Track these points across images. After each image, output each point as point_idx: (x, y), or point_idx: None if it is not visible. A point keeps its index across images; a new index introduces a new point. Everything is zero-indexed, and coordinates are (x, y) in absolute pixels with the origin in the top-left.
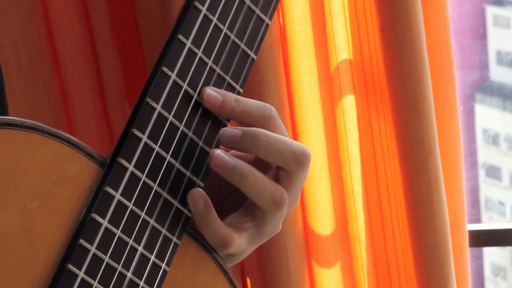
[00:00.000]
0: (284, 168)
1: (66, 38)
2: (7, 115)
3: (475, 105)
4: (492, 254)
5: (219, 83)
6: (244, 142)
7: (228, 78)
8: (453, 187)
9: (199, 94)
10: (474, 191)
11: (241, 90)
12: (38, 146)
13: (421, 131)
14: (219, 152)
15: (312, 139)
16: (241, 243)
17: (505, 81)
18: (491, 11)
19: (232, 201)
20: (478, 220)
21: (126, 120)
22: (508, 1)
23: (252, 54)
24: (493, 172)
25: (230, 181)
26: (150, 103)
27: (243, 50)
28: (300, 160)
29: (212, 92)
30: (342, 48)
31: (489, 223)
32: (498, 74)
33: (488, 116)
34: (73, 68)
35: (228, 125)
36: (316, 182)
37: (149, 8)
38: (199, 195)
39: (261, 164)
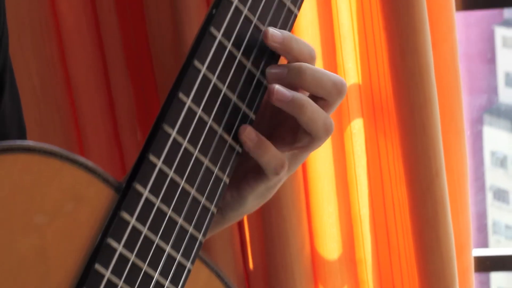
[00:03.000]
0: (325, 98)
1: (78, 60)
2: (26, 137)
3: (483, 127)
4: (499, 279)
5: (234, 111)
6: (291, 75)
7: (244, 107)
8: (459, 212)
9: (214, 120)
10: (482, 214)
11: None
12: (56, 171)
13: (428, 156)
14: (278, 86)
15: (320, 163)
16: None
17: None
18: (500, 32)
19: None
20: (485, 243)
21: (137, 143)
22: None
23: None
24: (501, 195)
25: (290, 112)
26: (166, 128)
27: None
28: (340, 89)
29: (275, 31)
30: (351, 73)
31: (495, 247)
32: (507, 96)
33: (496, 138)
34: (85, 90)
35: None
36: (324, 205)
37: (161, 33)
38: (250, 129)
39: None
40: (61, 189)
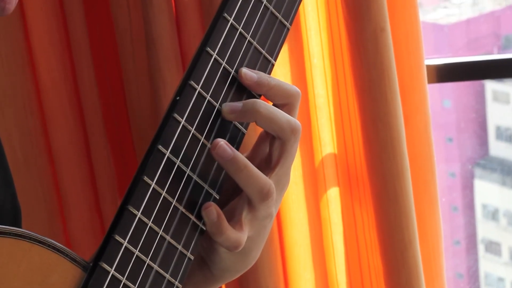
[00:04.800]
0: (280, 137)
1: (60, 133)
2: (20, 218)
3: (474, 181)
4: None
5: (197, 190)
6: (245, 110)
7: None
8: (434, 278)
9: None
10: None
11: None
12: (25, 252)
13: (401, 225)
14: (222, 142)
15: (296, 231)
16: (245, 236)
17: (504, 156)
18: (491, 86)
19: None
20: None
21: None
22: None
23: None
24: (493, 248)
25: (227, 171)
26: (131, 210)
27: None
28: (294, 128)
29: (248, 71)
30: (327, 143)
31: None
32: (498, 149)
33: (487, 191)
34: (67, 162)
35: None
36: (301, 272)
37: (139, 105)
38: (211, 209)
39: (256, 155)
40: (30, 269)
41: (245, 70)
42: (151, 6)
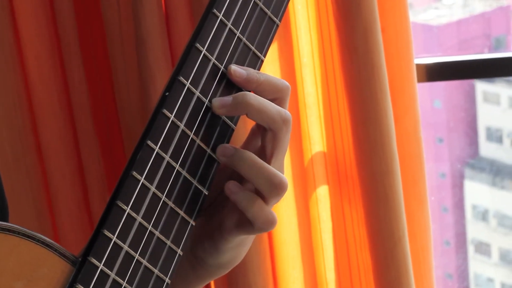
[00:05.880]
0: (271, 128)
1: (49, 130)
2: (6, 213)
3: (464, 181)
4: None
5: (186, 187)
6: (236, 103)
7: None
8: (423, 276)
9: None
10: (463, 267)
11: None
12: (14, 247)
13: (391, 222)
14: (225, 144)
15: (285, 228)
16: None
17: (494, 157)
18: (481, 87)
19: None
20: None
21: None
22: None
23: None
24: (483, 248)
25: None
26: (120, 205)
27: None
28: (285, 118)
29: (237, 68)
30: (316, 141)
31: None
32: (488, 150)
33: (477, 192)
34: (56, 159)
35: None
36: (290, 271)
37: (129, 103)
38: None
39: (248, 149)
40: (19, 263)
41: (234, 67)
42: (141, 4)
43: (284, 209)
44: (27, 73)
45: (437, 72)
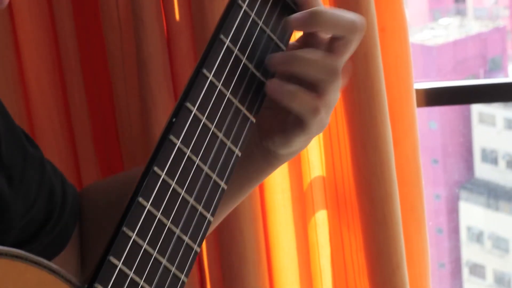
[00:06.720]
0: (343, 36)
1: (50, 152)
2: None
3: (459, 203)
4: None
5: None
6: (311, 18)
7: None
8: None
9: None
10: None
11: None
12: (21, 273)
13: (389, 248)
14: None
15: (284, 254)
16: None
17: (489, 179)
18: (477, 108)
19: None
20: None
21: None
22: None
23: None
24: (477, 271)
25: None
26: (126, 231)
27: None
28: (357, 27)
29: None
30: (315, 165)
31: None
32: (483, 171)
33: (472, 213)
34: None
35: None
36: None
37: (130, 125)
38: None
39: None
40: None
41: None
42: (143, 26)
43: (283, 233)
44: (29, 98)
45: (435, 97)
